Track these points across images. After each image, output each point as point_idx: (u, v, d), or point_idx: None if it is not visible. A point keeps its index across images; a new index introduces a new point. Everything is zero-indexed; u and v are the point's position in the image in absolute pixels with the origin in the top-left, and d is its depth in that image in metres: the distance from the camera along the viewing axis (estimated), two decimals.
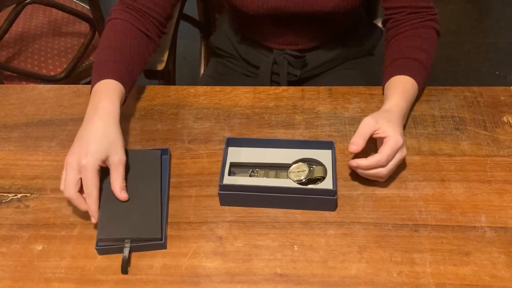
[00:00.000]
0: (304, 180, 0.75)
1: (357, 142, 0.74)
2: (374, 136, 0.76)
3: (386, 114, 0.78)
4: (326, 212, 0.75)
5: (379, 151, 0.74)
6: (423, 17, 0.90)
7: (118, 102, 0.78)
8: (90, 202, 0.71)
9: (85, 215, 0.76)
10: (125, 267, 0.69)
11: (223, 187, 0.75)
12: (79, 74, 1.51)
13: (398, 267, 0.68)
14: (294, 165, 0.78)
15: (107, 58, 0.83)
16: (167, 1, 0.91)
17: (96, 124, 0.74)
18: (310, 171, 0.76)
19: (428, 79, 0.89)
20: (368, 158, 0.73)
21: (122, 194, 0.73)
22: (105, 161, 0.72)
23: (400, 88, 0.83)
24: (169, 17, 0.94)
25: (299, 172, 0.76)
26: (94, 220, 0.72)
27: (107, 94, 0.79)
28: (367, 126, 0.75)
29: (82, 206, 0.72)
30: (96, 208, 0.71)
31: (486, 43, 2.30)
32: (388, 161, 0.73)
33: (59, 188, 0.80)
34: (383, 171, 0.74)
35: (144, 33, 0.89)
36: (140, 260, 0.71)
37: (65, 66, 1.47)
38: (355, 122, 0.87)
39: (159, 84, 1.11)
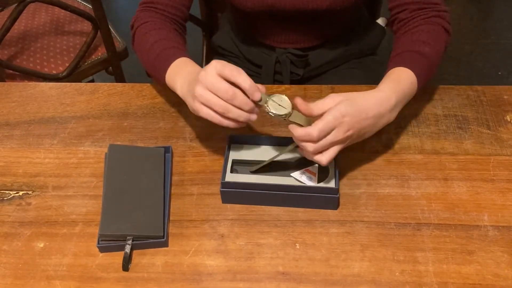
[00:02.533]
0: (284, 117, 0.69)
1: (302, 107, 0.69)
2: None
3: (357, 95, 0.72)
4: (329, 210, 0.75)
5: (315, 123, 0.68)
6: (427, 13, 0.87)
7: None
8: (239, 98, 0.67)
9: (87, 213, 0.76)
10: (126, 264, 0.69)
11: (225, 185, 0.75)
12: (81, 72, 1.51)
13: (400, 266, 0.68)
14: (275, 97, 0.69)
15: (163, 47, 0.83)
16: (183, 4, 0.93)
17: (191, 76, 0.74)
18: (291, 111, 0.69)
19: (436, 74, 0.85)
20: (302, 128, 0.68)
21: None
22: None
23: (391, 77, 0.79)
24: (187, 19, 0.96)
25: (280, 107, 0.69)
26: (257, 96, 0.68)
27: (185, 64, 0.79)
28: (326, 105, 0.69)
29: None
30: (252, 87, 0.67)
31: (488, 44, 2.29)
32: (319, 138, 0.67)
33: (61, 186, 0.80)
34: (308, 147, 0.68)
35: (175, 29, 0.91)
36: (142, 258, 0.71)
37: (67, 64, 1.47)
38: None
39: None
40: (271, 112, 0.69)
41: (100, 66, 1.55)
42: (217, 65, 0.68)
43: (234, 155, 0.80)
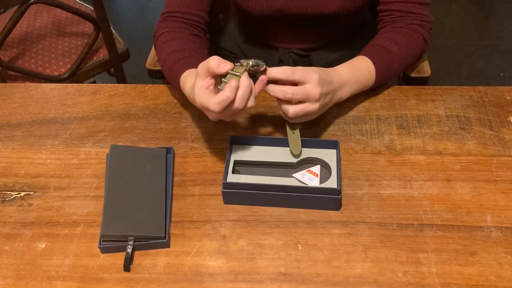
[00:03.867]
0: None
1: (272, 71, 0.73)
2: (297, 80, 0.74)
3: (322, 69, 0.78)
4: (331, 211, 0.75)
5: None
6: (411, 20, 0.90)
7: None
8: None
9: (88, 214, 0.76)
10: (127, 265, 0.69)
11: (227, 185, 0.74)
12: (83, 74, 1.51)
13: (403, 267, 0.68)
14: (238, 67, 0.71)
15: (176, 59, 0.86)
16: (202, 9, 0.95)
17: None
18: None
19: (397, 75, 0.90)
20: (279, 85, 0.74)
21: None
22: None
23: (351, 62, 0.85)
24: (208, 22, 0.97)
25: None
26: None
27: (188, 80, 0.80)
28: (293, 73, 0.73)
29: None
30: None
31: (489, 45, 2.29)
32: (293, 96, 0.72)
33: (62, 187, 0.80)
34: (289, 108, 0.74)
35: (195, 35, 0.93)
36: (143, 259, 0.71)
37: (69, 66, 1.47)
38: (360, 121, 0.87)
39: (163, 83, 1.11)
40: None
41: (101, 67, 1.55)
42: (197, 84, 0.70)
43: (235, 156, 0.80)
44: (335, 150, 0.79)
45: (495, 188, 0.76)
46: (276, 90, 0.74)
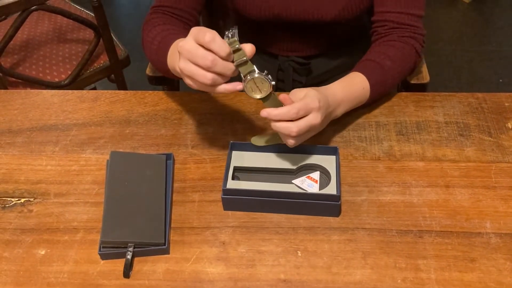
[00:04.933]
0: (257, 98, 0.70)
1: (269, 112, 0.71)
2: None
3: (316, 89, 0.77)
4: (330, 217, 0.75)
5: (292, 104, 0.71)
6: (404, 33, 0.90)
7: None
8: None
9: (88, 220, 0.76)
10: (127, 272, 0.69)
11: (227, 192, 0.74)
12: (83, 80, 1.51)
13: (402, 274, 0.68)
14: (257, 78, 0.69)
15: (163, 36, 0.84)
16: (193, 8, 0.94)
17: None
18: (266, 96, 0.71)
19: (390, 90, 0.90)
20: (278, 108, 0.71)
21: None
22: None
23: (345, 79, 0.84)
24: (198, 23, 0.97)
25: (257, 89, 0.70)
26: None
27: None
28: (301, 92, 0.73)
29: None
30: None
31: (489, 51, 2.30)
32: (297, 115, 0.70)
33: (62, 193, 0.80)
34: (292, 126, 0.70)
35: (187, 30, 0.91)
36: (143, 265, 0.71)
37: (69, 72, 1.47)
38: (359, 128, 0.87)
39: (163, 89, 1.12)
40: (247, 91, 0.70)
41: (102, 74, 1.56)
42: (193, 31, 0.67)
43: (235, 162, 0.80)
44: (334, 157, 0.79)
45: (494, 195, 0.76)
46: (281, 127, 0.72)
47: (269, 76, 0.70)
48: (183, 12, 0.93)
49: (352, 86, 0.84)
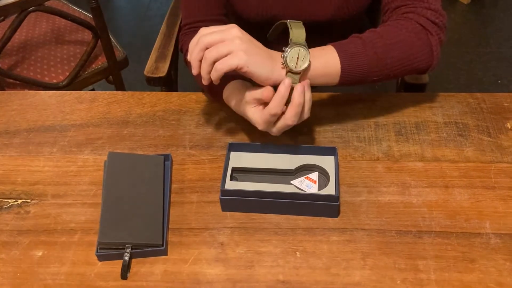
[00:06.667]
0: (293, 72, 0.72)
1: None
2: None
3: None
4: (329, 218, 0.74)
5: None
6: (401, 10, 0.82)
7: None
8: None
9: (86, 221, 0.76)
10: (125, 273, 0.68)
11: (225, 192, 0.74)
12: (81, 81, 1.51)
13: (402, 274, 0.67)
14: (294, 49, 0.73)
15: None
16: (221, 14, 0.95)
17: None
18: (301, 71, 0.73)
19: (389, 67, 0.77)
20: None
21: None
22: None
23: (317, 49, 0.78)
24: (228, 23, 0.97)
25: (297, 60, 0.73)
26: None
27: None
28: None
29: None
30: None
31: (488, 52, 2.30)
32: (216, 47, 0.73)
33: (60, 194, 0.80)
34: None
35: None
36: (141, 267, 0.70)
37: (67, 73, 1.47)
38: (358, 128, 0.87)
39: (161, 90, 1.11)
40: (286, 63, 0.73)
41: (100, 75, 1.55)
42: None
43: (233, 162, 0.80)
44: (333, 157, 0.79)
45: (494, 195, 0.76)
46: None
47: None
48: (215, 22, 0.93)
49: (322, 56, 0.77)
